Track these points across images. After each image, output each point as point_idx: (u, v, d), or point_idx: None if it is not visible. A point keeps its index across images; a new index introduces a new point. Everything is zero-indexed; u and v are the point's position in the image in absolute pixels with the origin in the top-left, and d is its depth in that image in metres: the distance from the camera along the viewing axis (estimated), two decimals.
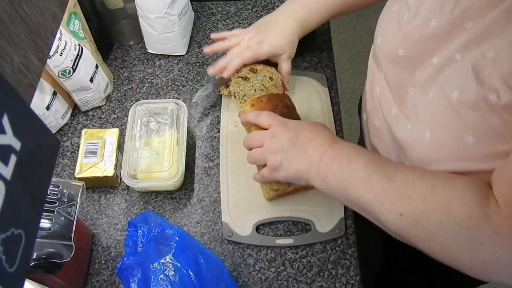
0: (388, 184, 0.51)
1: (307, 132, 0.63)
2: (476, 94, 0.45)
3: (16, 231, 0.26)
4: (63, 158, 0.83)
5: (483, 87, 0.44)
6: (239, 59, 0.79)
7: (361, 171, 0.54)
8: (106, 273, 0.72)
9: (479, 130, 0.46)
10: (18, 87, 0.29)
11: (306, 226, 0.75)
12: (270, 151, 0.64)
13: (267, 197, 0.75)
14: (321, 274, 0.71)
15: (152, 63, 0.95)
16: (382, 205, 0.51)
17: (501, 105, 0.43)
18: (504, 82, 0.42)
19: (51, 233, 0.60)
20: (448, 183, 0.49)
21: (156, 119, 0.80)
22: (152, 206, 0.78)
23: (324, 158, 0.59)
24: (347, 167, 0.56)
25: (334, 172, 0.57)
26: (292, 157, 0.62)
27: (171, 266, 0.59)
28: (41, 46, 0.31)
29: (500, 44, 0.43)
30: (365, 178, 0.53)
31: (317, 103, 0.88)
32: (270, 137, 0.65)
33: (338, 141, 0.62)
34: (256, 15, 1.02)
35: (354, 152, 0.58)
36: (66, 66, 0.77)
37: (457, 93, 0.48)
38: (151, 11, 0.86)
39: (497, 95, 0.43)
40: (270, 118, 0.67)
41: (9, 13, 0.27)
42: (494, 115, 0.44)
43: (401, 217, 0.49)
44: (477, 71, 0.45)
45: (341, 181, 0.56)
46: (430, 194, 0.48)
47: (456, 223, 0.45)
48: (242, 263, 0.72)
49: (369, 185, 0.53)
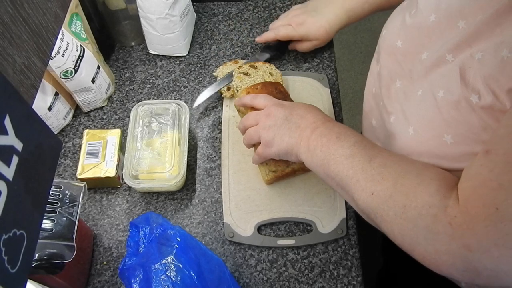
0: (368, 164, 0.53)
1: (301, 110, 0.65)
2: (459, 94, 0.46)
3: (18, 232, 0.26)
4: (65, 159, 0.83)
5: (466, 87, 0.45)
6: (274, 32, 0.86)
7: (347, 149, 0.56)
8: (108, 274, 0.72)
9: (458, 130, 0.47)
10: (20, 88, 0.29)
11: (307, 226, 0.75)
12: (263, 127, 0.66)
13: (266, 180, 0.76)
14: (323, 275, 0.71)
15: (154, 64, 0.95)
16: (358, 183, 0.53)
17: (481, 106, 0.44)
18: (486, 84, 0.43)
19: (53, 234, 0.61)
20: (421, 171, 0.50)
21: (157, 119, 0.81)
22: (153, 206, 0.78)
23: (315, 133, 0.60)
24: (335, 143, 0.57)
25: (322, 145, 0.58)
26: (284, 132, 0.63)
27: (172, 267, 0.59)
28: (43, 47, 0.31)
29: (487, 47, 0.44)
30: (349, 155, 0.55)
31: (319, 104, 0.88)
32: (265, 115, 0.66)
33: (331, 120, 0.63)
34: (258, 15, 1.02)
35: (344, 132, 0.59)
36: (68, 67, 0.77)
37: (442, 92, 0.49)
38: (152, 12, 0.86)
39: (478, 96, 0.44)
40: (265, 99, 0.69)
41: (11, 14, 0.27)
42: (474, 116, 0.45)
43: (372, 196, 0.51)
44: (464, 72, 0.46)
45: (327, 154, 0.57)
46: (402, 178, 0.50)
47: (417, 209, 0.46)
48: (243, 264, 0.72)
49: (350, 162, 0.54)
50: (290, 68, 0.94)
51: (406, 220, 0.47)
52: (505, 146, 0.40)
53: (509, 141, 0.39)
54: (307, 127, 0.62)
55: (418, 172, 0.50)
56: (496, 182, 0.40)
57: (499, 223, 0.39)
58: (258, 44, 0.97)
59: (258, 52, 0.94)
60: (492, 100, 0.43)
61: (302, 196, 0.77)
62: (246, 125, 0.69)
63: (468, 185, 0.44)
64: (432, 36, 0.53)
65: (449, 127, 0.48)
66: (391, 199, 0.49)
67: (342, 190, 0.56)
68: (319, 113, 0.65)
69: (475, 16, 0.46)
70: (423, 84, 0.54)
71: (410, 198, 0.47)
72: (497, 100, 0.42)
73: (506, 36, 0.43)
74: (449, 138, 0.48)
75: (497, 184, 0.40)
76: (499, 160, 0.40)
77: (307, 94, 0.88)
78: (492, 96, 0.43)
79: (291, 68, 0.94)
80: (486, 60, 0.44)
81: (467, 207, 0.43)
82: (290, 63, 0.95)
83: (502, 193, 0.39)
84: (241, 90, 0.79)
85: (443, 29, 0.52)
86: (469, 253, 0.42)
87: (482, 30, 0.45)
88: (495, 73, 0.43)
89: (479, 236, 0.41)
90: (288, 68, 0.94)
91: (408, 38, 0.58)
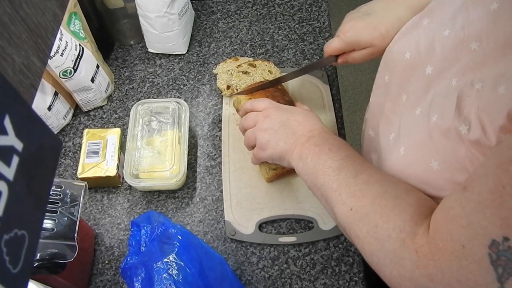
0: (353, 179, 0.53)
1: (299, 117, 0.65)
2: (451, 122, 0.45)
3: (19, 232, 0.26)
4: (65, 159, 0.83)
5: (459, 117, 0.44)
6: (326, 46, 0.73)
7: (336, 161, 0.56)
8: (110, 273, 0.72)
9: (446, 158, 0.47)
10: (20, 88, 0.29)
11: (309, 223, 0.75)
12: (260, 129, 0.66)
13: (266, 178, 0.76)
14: (325, 272, 0.71)
15: (153, 63, 0.95)
16: (340, 196, 0.53)
17: (469, 139, 0.43)
18: (478, 117, 0.42)
19: (54, 234, 0.61)
20: (400, 194, 0.50)
21: (157, 118, 0.80)
22: (154, 205, 0.78)
23: (309, 142, 0.60)
24: (326, 153, 0.58)
25: (313, 155, 0.59)
26: (280, 136, 0.63)
27: (174, 265, 0.59)
28: (42, 47, 0.31)
29: (488, 77, 0.42)
30: (336, 168, 0.55)
31: (318, 100, 0.88)
32: (263, 117, 0.66)
33: (328, 131, 0.63)
34: (257, 13, 1.02)
35: (337, 144, 0.59)
36: (67, 67, 0.77)
37: (436, 116, 0.48)
38: (151, 10, 0.86)
39: (468, 128, 0.43)
40: (265, 102, 0.69)
41: (10, 14, 0.27)
42: (463, 146, 0.44)
43: (350, 211, 0.52)
44: (461, 100, 0.45)
45: (316, 164, 0.58)
46: (380, 198, 0.50)
47: (387, 231, 0.47)
48: (245, 262, 0.72)
49: (337, 175, 0.55)
50: (290, 65, 0.94)
51: (376, 240, 0.48)
52: (481, 187, 0.39)
53: (485, 181, 0.39)
54: (303, 135, 0.62)
55: (397, 194, 0.50)
56: (466, 220, 0.40)
57: (463, 260, 0.39)
58: (258, 42, 0.97)
59: None
60: (480, 134, 0.42)
61: (303, 193, 0.77)
62: (245, 126, 0.69)
63: (440, 217, 0.44)
64: (441, 52, 0.51)
65: (437, 154, 0.48)
66: (367, 217, 0.50)
67: (325, 202, 0.57)
68: (317, 122, 0.64)
69: (489, 41, 0.44)
70: (422, 103, 0.53)
71: (383, 219, 0.48)
72: (485, 136, 0.41)
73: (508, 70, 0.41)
74: (436, 164, 0.48)
75: (466, 222, 0.40)
76: (473, 199, 0.40)
77: (307, 91, 0.88)
78: (481, 130, 0.42)
79: (291, 65, 0.94)
80: (485, 92, 0.42)
81: (435, 238, 0.43)
82: (290, 60, 0.95)
83: (470, 232, 0.39)
84: (241, 89, 0.79)
85: (454, 47, 0.49)
86: (431, 284, 0.42)
87: (489, 58, 0.44)
88: (488, 107, 0.41)
89: (443, 269, 0.41)
90: (288, 66, 0.94)
91: (417, 50, 0.56)
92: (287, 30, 0.99)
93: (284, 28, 1.00)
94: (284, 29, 1.00)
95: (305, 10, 1.03)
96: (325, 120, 0.85)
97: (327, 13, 1.02)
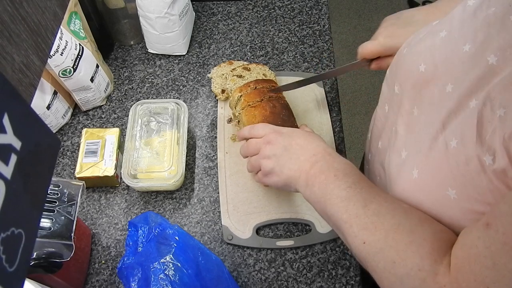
0: (362, 210, 0.52)
1: (300, 140, 0.63)
2: (473, 151, 0.43)
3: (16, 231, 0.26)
4: (63, 158, 0.83)
5: (482, 145, 0.42)
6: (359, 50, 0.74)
7: (343, 190, 0.55)
8: (106, 273, 0.72)
9: (464, 188, 0.44)
10: (19, 87, 0.29)
11: (306, 226, 0.75)
12: (264, 156, 0.65)
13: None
14: (321, 275, 0.71)
15: (153, 63, 0.95)
16: (351, 228, 0.52)
17: (493, 169, 0.41)
18: (504, 147, 0.39)
19: (51, 233, 0.60)
20: (415, 227, 0.48)
21: (156, 119, 0.81)
22: (152, 206, 0.78)
23: (314, 168, 0.59)
24: (332, 182, 0.56)
25: (320, 183, 0.57)
26: (284, 163, 0.62)
27: (171, 266, 0.59)
28: (42, 46, 0.31)
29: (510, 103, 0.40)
30: (344, 198, 0.54)
31: (313, 103, 0.88)
32: (265, 143, 0.65)
33: (332, 153, 0.61)
34: (257, 15, 1.02)
35: (342, 169, 0.58)
36: (67, 66, 0.77)
37: (456, 142, 0.45)
38: (151, 11, 0.86)
39: (493, 158, 0.41)
40: (263, 128, 0.67)
41: (10, 12, 0.27)
42: (484, 177, 0.42)
43: (364, 245, 0.50)
44: (481, 126, 0.42)
45: (324, 194, 0.56)
46: (394, 232, 0.49)
47: (406, 268, 0.46)
48: (242, 263, 0.72)
49: (345, 205, 0.53)
50: (289, 68, 0.94)
51: (394, 276, 0.47)
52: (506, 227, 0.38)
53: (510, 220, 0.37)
54: (307, 160, 0.60)
55: (411, 228, 0.48)
56: (491, 261, 0.39)
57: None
58: (258, 44, 0.97)
59: None
60: (507, 164, 0.39)
61: (300, 196, 0.76)
62: (248, 154, 0.69)
63: (463, 255, 0.43)
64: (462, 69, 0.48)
65: (455, 182, 0.45)
66: (382, 252, 0.48)
67: (337, 230, 0.56)
68: (319, 144, 0.63)
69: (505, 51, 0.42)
70: (437, 123, 0.49)
71: (401, 256, 0.47)
72: None
73: None
74: (453, 193, 0.45)
75: (491, 263, 0.39)
76: (497, 238, 0.38)
77: (301, 95, 0.88)
78: (508, 160, 0.39)
79: (290, 68, 0.94)
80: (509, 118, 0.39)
81: (458, 278, 0.42)
82: (290, 62, 0.95)
83: (494, 273, 0.38)
84: (234, 90, 0.79)
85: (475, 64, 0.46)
86: None
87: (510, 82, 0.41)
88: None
89: None
90: (287, 68, 0.94)
91: (432, 63, 0.53)
92: (287, 33, 1.00)
93: (284, 30, 1.00)
94: (284, 32, 1.00)
95: (306, 13, 1.03)
96: (320, 123, 0.85)
97: (328, 16, 1.02)
